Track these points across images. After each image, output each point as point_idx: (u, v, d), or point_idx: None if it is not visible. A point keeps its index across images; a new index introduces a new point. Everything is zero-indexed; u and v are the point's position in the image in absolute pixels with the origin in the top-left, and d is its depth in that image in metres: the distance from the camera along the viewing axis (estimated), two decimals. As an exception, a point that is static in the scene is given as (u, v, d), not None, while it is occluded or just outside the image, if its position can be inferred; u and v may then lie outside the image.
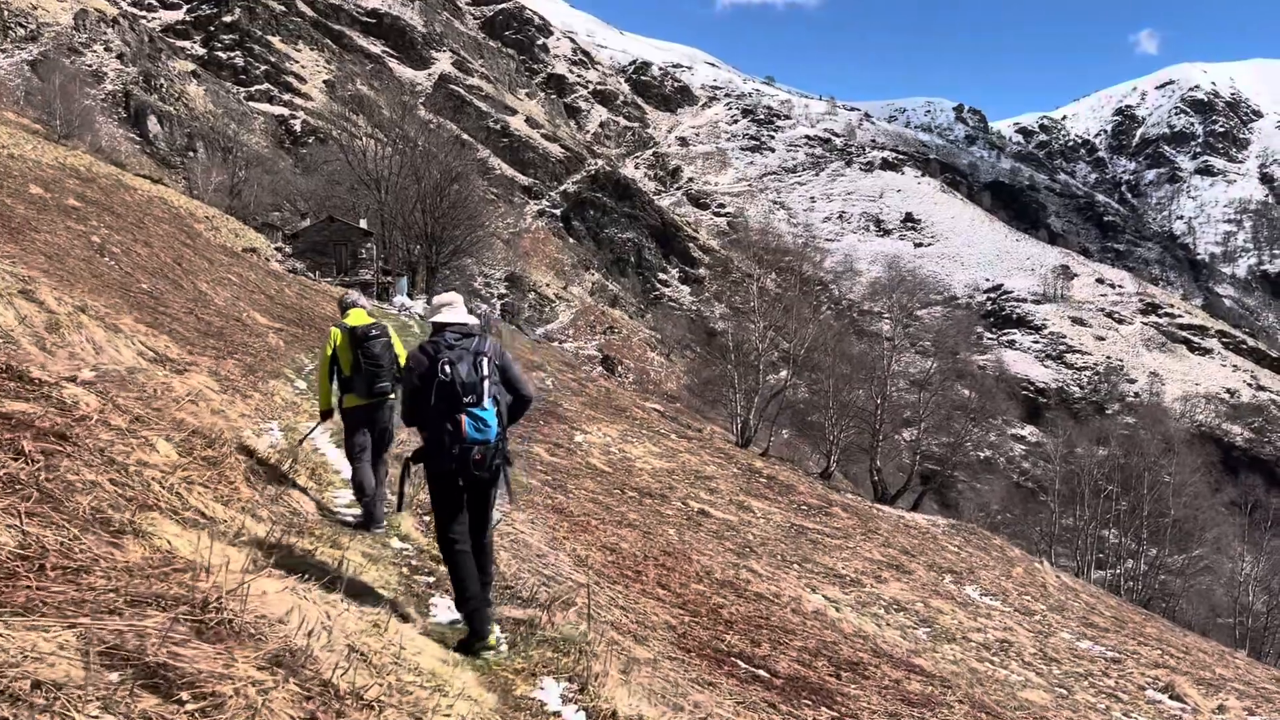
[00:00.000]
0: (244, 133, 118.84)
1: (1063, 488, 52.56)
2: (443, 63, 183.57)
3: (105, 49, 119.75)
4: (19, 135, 43.43)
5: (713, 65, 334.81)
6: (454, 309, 5.21)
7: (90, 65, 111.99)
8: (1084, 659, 15.04)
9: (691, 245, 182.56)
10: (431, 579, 4.82)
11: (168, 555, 2.70)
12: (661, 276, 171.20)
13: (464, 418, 4.81)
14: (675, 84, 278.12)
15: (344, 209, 62.81)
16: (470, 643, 4.67)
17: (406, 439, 7.21)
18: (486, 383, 4.92)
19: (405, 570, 4.90)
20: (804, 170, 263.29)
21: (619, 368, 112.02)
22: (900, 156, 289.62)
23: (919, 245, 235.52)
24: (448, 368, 4.85)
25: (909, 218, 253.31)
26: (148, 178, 53.99)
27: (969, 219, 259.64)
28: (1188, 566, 48.21)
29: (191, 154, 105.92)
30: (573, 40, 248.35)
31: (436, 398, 4.84)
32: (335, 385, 6.79)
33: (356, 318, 6.98)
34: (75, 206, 26.97)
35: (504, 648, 4.69)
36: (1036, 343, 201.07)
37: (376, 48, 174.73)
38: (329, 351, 6.86)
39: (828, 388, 42.66)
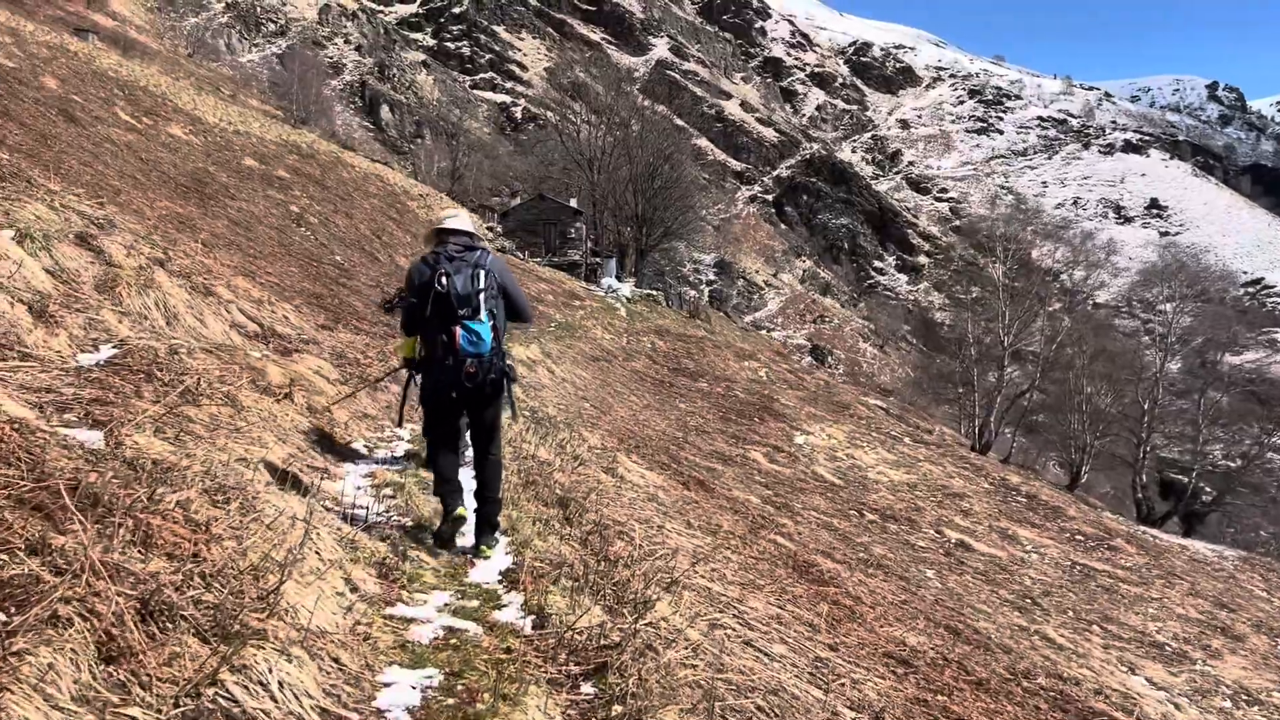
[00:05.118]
0: (467, 119, 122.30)
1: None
2: (660, 48, 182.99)
3: (345, 41, 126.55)
4: (250, 115, 44.51)
5: (937, 45, 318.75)
6: (459, 219, 5.14)
7: (331, 57, 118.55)
8: None
9: (910, 231, 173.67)
10: None
11: None
12: (877, 264, 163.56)
13: (458, 330, 4.70)
14: (897, 65, 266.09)
15: (557, 189, 62.01)
16: (442, 523, 4.84)
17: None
18: (483, 295, 4.78)
19: None
20: (1035, 153, 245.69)
21: (829, 358, 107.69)
22: (1145, 138, 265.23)
23: (1165, 234, 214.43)
24: (444, 279, 4.73)
25: (1154, 204, 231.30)
26: (370, 160, 54.84)
27: (1225, 205, 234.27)
28: None
29: (419, 140, 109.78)
30: (791, 23, 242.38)
31: (432, 310, 4.75)
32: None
33: None
34: (282, 177, 26.30)
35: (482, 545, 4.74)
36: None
37: (596, 35, 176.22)
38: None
39: (1078, 388, 37.37)
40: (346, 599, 3.06)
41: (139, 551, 2.29)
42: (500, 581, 4.23)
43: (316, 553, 3.15)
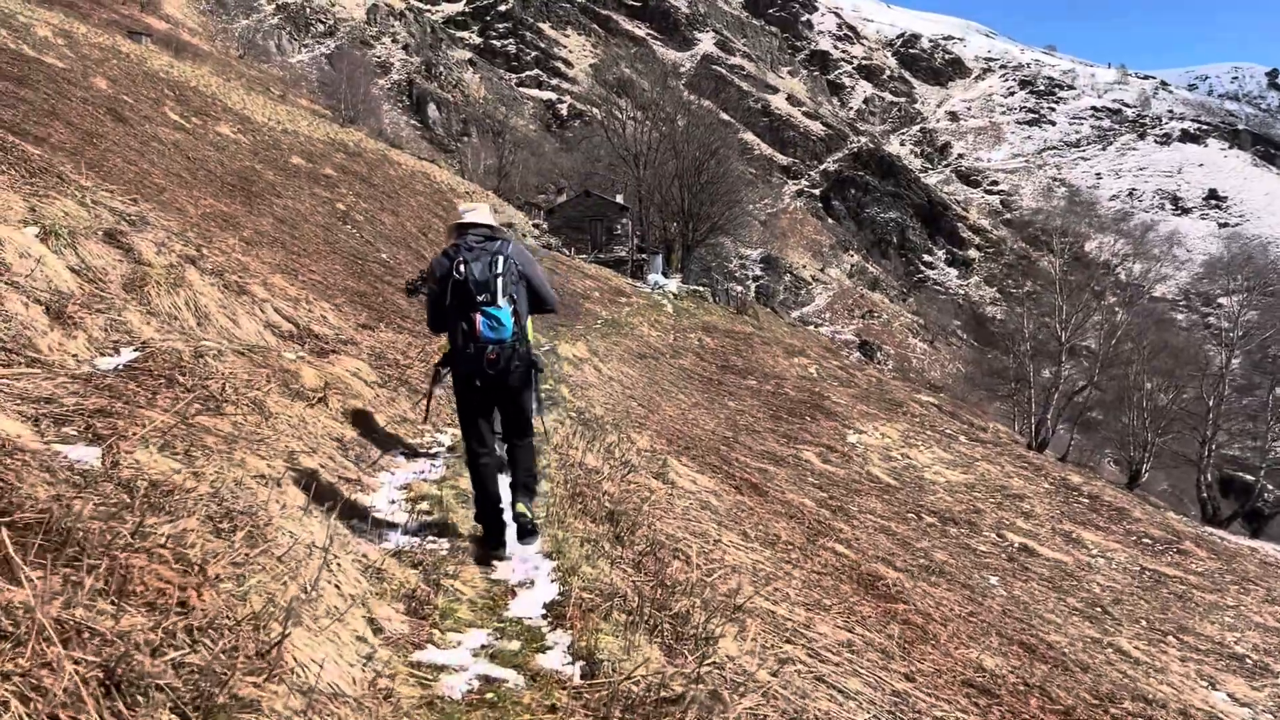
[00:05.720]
0: (514, 117, 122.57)
1: None
2: (705, 43, 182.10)
3: (392, 40, 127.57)
4: (298, 114, 44.75)
5: (987, 36, 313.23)
6: (478, 212, 5.14)
7: (379, 56, 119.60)
8: None
9: (960, 225, 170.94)
10: None
11: None
12: (926, 258, 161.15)
13: (478, 316, 4.69)
14: (946, 56, 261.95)
15: (603, 185, 61.81)
16: (483, 548, 4.73)
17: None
18: (500, 280, 4.75)
19: None
20: (1089, 144, 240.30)
21: (878, 354, 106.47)
22: (1203, 127, 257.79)
23: (1224, 225, 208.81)
24: (462, 267, 4.73)
25: (1212, 194, 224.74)
26: (417, 158, 54.97)
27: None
28: None
29: (465, 138, 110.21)
30: (837, 15, 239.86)
31: (452, 297, 4.73)
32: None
33: None
34: (329, 175, 26.27)
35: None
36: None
37: (641, 30, 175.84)
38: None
39: (1138, 384, 36.31)
40: (368, 644, 2.67)
41: (111, 603, 1.91)
42: (544, 616, 3.78)
43: (336, 586, 2.79)
